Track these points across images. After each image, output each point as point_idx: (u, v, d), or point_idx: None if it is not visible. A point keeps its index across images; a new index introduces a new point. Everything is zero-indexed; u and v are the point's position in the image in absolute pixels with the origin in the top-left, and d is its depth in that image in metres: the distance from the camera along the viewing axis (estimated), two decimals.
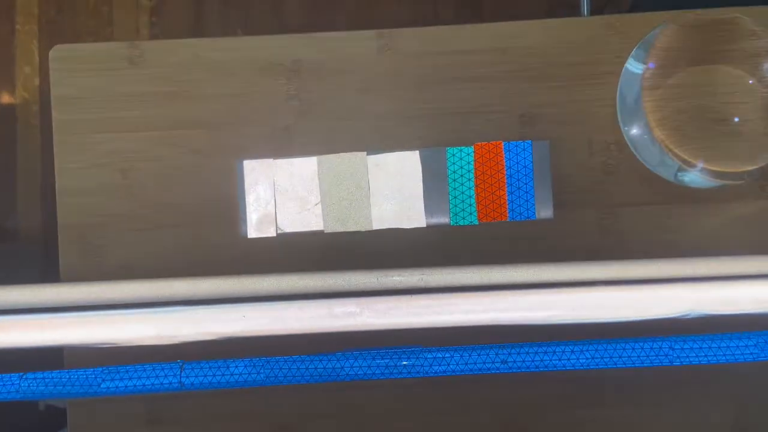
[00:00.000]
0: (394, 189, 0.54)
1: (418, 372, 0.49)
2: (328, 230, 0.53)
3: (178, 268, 0.52)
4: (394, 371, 0.50)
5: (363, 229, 0.53)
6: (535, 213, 0.52)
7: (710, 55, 0.47)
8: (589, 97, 0.53)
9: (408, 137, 0.53)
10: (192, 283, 0.50)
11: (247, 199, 0.54)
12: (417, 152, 0.53)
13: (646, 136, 0.48)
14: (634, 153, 0.51)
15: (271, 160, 0.53)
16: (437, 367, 0.50)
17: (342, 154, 0.53)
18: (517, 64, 0.53)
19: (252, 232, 0.53)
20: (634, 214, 0.52)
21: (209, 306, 0.51)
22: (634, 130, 0.50)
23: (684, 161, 0.47)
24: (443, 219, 0.53)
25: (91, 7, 1.20)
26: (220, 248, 0.53)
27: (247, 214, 0.54)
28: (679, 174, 0.48)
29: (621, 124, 0.51)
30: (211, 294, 0.51)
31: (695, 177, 0.47)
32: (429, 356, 0.50)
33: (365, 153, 0.53)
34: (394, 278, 0.50)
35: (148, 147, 0.53)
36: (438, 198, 0.54)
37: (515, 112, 0.53)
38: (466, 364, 0.49)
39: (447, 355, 0.50)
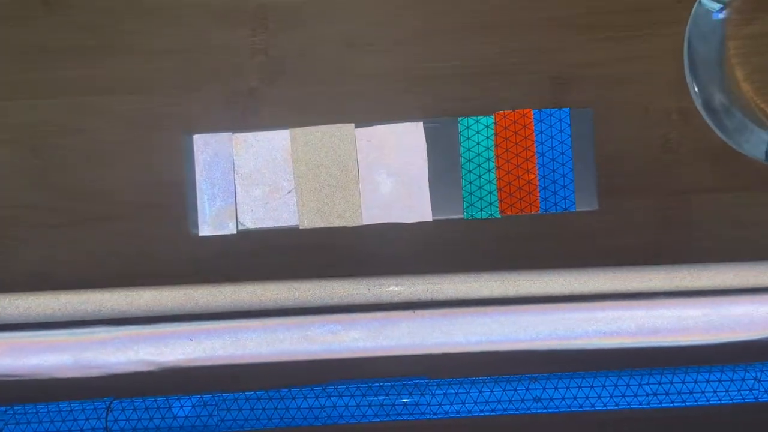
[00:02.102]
0: (390, 172, 0.43)
1: (423, 413, 0.41)
2: (305, 226, 0.43)
3: (107, 276, 0.44)
4: (392, 412, 0.41)
5: (350, 225, 0.43)
6: (574, 203, 0.42)
7: None
8: (645, 51, 0.44)
9: (409, 104, 0.44)
10: (125, 296, 0.42)
11: (198, 186, 0.44)
12: (420, 124, 0.43)
13: (726, 99, 0.39)
14: (708, 122, 0.41)
15: (229, 134, 0.44)
16: (448, 407, 0.41)
17: (323, 127, 0.43)
18: (550, 9, 0.44)
19: (205, 229, 0.43)
20: (704, 204, 0.44)
21: (147, 326, 0.42)
22: (710, 92, 0.41)
23: None
24: (455, 211, 0.43)
25: None
26: (163, 250, 0.44)
27: (199, 204, 0.44)
28: None
29: (690, 85, 0.41)
30: (149, 310, 0.42)
31: None
32: (437, 392, 0.41)
33: (353, 125, 0.43)
34: (390, 288, 0.42)
35: (67, 117, 0.44)
36: (448, 184, 0.43)
37: (548, 72, 0.44)
38: (487, 402, 0.40)
39: (461, 391, 0.40)
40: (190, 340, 0.42)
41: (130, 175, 0.44)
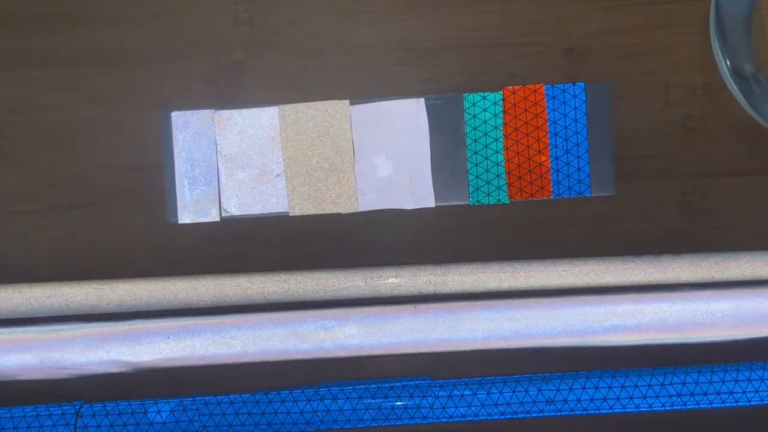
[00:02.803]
0: (389, 154, 0.40)
1: (424, 417, 0.38)
2: (296, 212, 0.39)
3: (77, 268, 0.40)
4: (391, 416, 0.38)
5: (346, 212, 0.39)
6: (590, 187, 0.39)
7: None
8: (667, 19, 0.40)
9: (409, 79, 0.40)
10: (96, 290, 0.39)
11: (177, 169, 0.40)
12: (422, 100, 0.40)
13: (756, 68, 0.36)
14: (738, 98, 0.38)
15: (211, 112, 0.40)
16: (453, 410, 0.38)
17: (315, 103, 0.40)
18: None
19: (185, 216, 0.40)
20: (730, 188, 0.41)
21: (120, 323, 0.38)
22: (739, 60, 0.38)
23: None
24: (459, 196, 0.39)
25: None
26: (138, 239, 0.40)
27: (178, 189, 0.40)
28: None
29: (717, 54, 0.38)
30: (123, 305, 0.38)
31: None
32: (441, 393, 0.38)
33: (348, 102, 0.40)
34: (389, 281, 0.39)
35: (30, 93, 0.40)
36: (452, 166, 0.40)
37: (561, 44, 0.40)
38: (495, 405, 0.37)
39: (467, 392, 0.37)
40: (168, 338, 0.38)
41: (101, 158, 0.40)
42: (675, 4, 0.41)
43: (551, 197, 0.41)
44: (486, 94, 0.41)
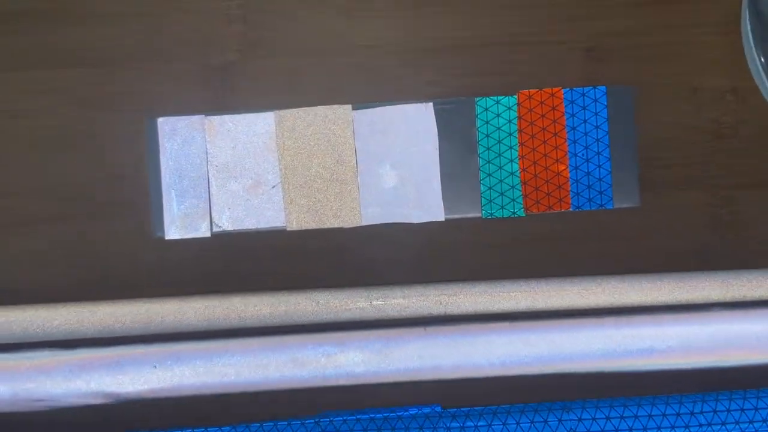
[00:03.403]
0: (395, 163, 0.37)
1: None
2: (294, 227, 0.36)
3: (54, 288, 0.37)
4: None
5: (348, 226, 0.36)
6: (612, 198, 0.36)
7: None
8: (694, 17, 0.38)
9: (416, 81, 0.38)
10: (75, 312, 0.36)
11: (164, 179, 0.37)
12: (430, 105, 0.37)
13: None
14: None
15: (201, 118, 0.37)
16: None
17: (314, 108, 0.37)
18: None
19: (172, 231, 0.37)
20: (763, 201, 0.38)
21: (102, 349, 0.35)
22: None
23: None
24: (471, 209, 0.37)
25: None
26: (121, 256, 0.37)
27: (165, 202, 0.37)
28: None
29: (750, 54, 0.35)
30: (105, 329, 0.35)
31: None
32: (453, 425, 0.35)
33: (350, 106, 0.37)
34: (395, 301, 0.36)
35: (4, 96, 0.37)
36: (463, 176, 0.37)
37: (580, 43, 0.38)
38: None
39: (481, 423, 0.35)
40: (155, 366, 0.35)
41: (82, 167, 0.38)
42: (703, 3, 0.39)
43: (570, 210, 0.38)
44: (499, 98, 0.38)
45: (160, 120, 0.37)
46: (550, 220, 0.38)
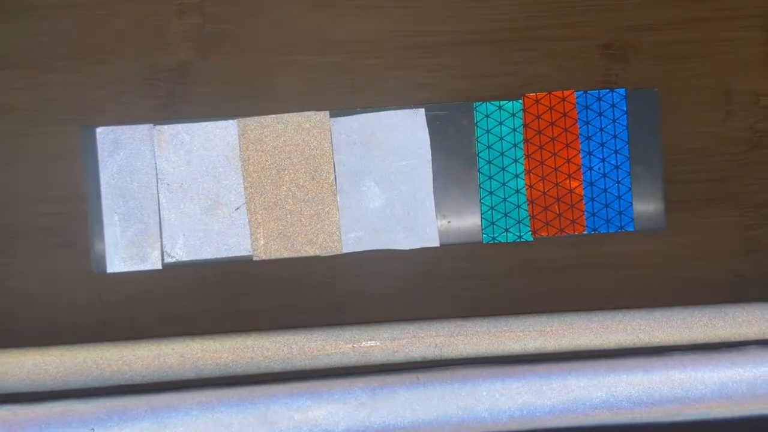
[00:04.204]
0: (381, 179, 0.32)
1: None
2: (261, 256, 0.31)
3: None
4: None
5: (326, 254, 0.31)
6: (633, 220, 0.32)
7: None
8: (725, 10, 0.33)
9: (405, 84, 0.32)
10: None
11: (103, 201, 0.31)
12: (421, 111, 0.32)
13: None
14: None
15: (149, 127, 0.31)
16: None
17: (285, 115, 0.31)
18: None
19: (116, 263, 0.31)
20: None
21: (26, 406, 0.29)
22: None
23: None
24: (470, 233, 0.32)
25: None
26: (53, 293, 0.32)
27: (106, 228, 0.31)
28: None
29: None
30: (33, 383, 0.29)
31: None
32: None
33: (327, 113, 0.32)
34: (383, 343, 0.30)
35: None
36: (460, 195, 0.32)
37: (596, 39, 0.33)
38: None
39: None
40: (92, 430, 0.30)
41: (7, 187, 0.32)
42: None
43: (585, 233, 0.33)
44: (502, 102, 0.33)
45: (99, 130, 0.31)
46: (561, 245, 0.33)
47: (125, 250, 0.31)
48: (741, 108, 0.33)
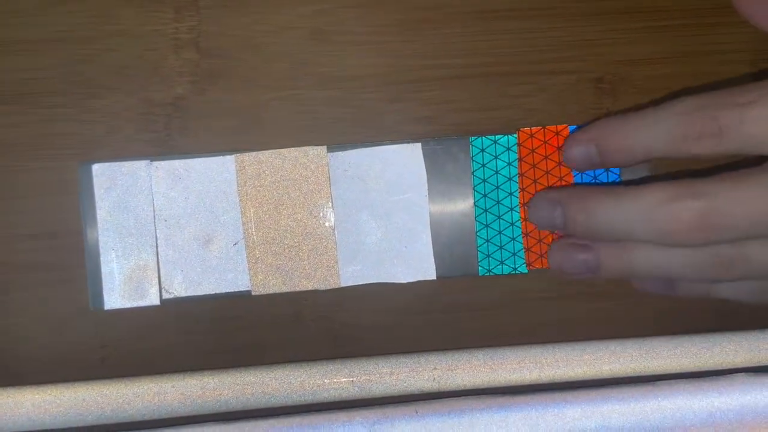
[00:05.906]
0: (378, 213, 0.32)
1: None
2: (260, 291, 0.31)
3: None
4: None
5: (324, 288, 0.31)
6: None
7: None
8: (723, 44, 0.33)
9: (402, 118, 0.32)
10: None
11: (101, 238, 0.31)
12: (418, 145, 0.32)
13: None
14: None
15: (146, 163, 0.31)
16: None
17: (283, 151, 0.31)
18: None
19: (113, 300, 0.31)
20: None
21: None
22: None
23: None
24: (467, 266, 0.32)
25: None
26: (48, 331, 0.31)
27: (103, 265, 0.31)
28: None
29: None
30: (28, 421, 0.29)
31: None
32: None
33: (324, 148, 0.32)
34: (381, 377, 0.30)
35: None
36: (457, 227, 0.32)
37: (590, 73, 0.33)
38: None
39: None
40: None
41: (0, 224, 0.32)
42: (735, 26, 0.33)
43: None
44: (497, 137, 0.33)
45: (96, 167, 0.31)
46: (556, 277, 0.34)
47: (123, 287, 0.31)
48: None
